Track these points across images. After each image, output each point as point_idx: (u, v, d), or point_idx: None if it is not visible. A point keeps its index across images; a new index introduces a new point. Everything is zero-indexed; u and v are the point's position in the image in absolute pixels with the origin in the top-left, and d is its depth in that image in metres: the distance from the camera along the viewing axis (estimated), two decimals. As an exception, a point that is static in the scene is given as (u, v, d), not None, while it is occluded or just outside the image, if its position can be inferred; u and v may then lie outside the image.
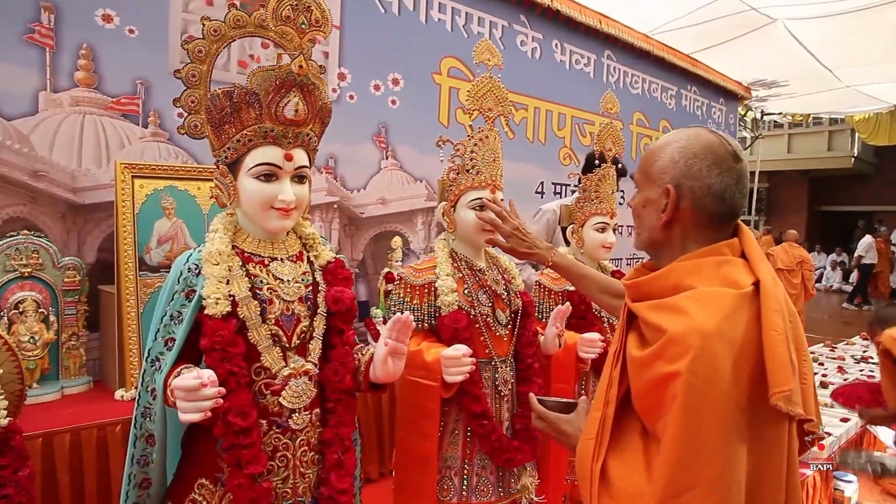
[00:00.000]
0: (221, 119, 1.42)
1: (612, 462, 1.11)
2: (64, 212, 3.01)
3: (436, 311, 1.89)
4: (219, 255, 1.41)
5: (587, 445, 1.15)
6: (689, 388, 0.98)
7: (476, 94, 1.98)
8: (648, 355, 1.06)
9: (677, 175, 1.15)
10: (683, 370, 0.98)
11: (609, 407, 1.14)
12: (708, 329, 0.99)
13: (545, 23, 5.27)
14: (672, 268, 1.13)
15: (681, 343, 1.00)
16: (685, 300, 1.06)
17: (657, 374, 1.03)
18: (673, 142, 1.19)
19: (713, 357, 0.98)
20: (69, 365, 2.80)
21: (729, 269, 1.09)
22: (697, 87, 7.30)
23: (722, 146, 1.15)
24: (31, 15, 2.87)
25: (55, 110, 2.98)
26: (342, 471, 1.48)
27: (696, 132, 1.18)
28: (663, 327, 1.04)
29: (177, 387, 1.23)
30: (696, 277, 1.09)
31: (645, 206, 1.22)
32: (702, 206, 1.14)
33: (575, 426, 1.32)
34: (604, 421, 1.14)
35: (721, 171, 1.13)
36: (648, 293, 1.15)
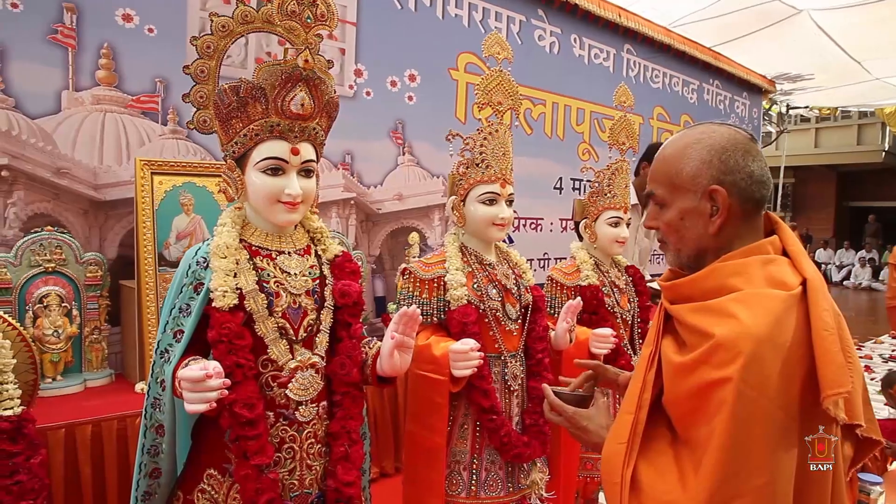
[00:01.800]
0: (228, 114, 1.43)
1: (644, 468, 1.07)
2: (86, 208, 3.07)
3: (445, 306, 1.89)
4: (226, 248, 1.42)
5: (617, 450, 1.10)
6: (740, 396, 0.95)
7: (486, 88, 1.98)
8: (692, 361, 1.02)
9: (715, 174, 1.10)
10: (734, 376, 0.95)
11: (642, 411, 1.11)
12: (759, 334, 0.96)
13: (563, 17, 5.24)
14: (715, 268, 1.09)
15: (731, 348, 0.96)
16: (732, 303, 1.01)
17: (702, 381, 0.99)
18: (691, 144, 1.13)
19: (764, 363, 0.96)
20: (91, 358, 2.86)
21: (774, 269, 1.05)
22: (720, 81, 7.21)
23: (740, 133, 1.13)
24: (54, 15, 2.93)
25: (77, 109, 3.04)
26: (349, 463, 1.49)
27: (707, 129, 1.14)
28: (709, 331, 1.00)
29: (183, 378, 1.25)
30: (741, 278, 1.05)
31: (683, 219, 1.14)
32: (748, 196, 1.10)
33: (596, 423, 1.27)
34: (635, 426, 1.10)
35: (753, 157, 1.11)
36: (688, 295, 1.11)
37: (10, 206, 2.87)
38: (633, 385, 1.16)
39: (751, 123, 7.99)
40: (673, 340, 1.11)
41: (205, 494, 1.43)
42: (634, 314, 2.47)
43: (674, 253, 1.19)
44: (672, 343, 1.11)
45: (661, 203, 1.18)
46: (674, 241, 1.18)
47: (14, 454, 1.25)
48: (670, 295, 1.16)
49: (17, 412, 1.30)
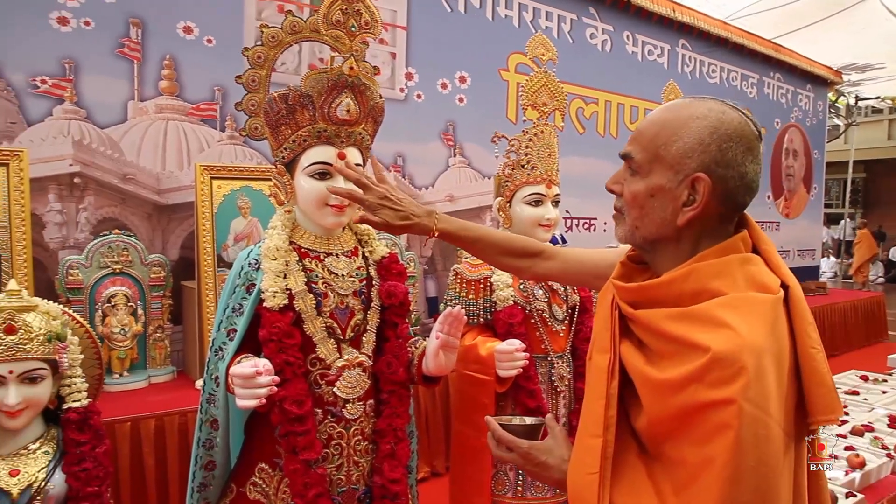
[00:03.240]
0: (278, 121, 1.49)
1: (620, 497, 0.94)
2: (150, 212, 3.22)
3: (491, 306, 1.91)
4: (276, 250, 1.48)
5: (588, 481, 0.95)
6: (745, 417, 0.82)
7: (531, 90, 1.98)
8: (682, 378, 0.88)
9: (707, 161, 0.93)
10: (738, 396, 0.82)
11: (609, 432, 0.96)
12: (759, 345, 0.84)
13: (615, 14, 5.18)
14: (693, 269, 0.94)
15: (731, 364, 0.83)
16: (721, 309, 0.88)
17: (695, 401, 0.86)
18: (694, 118, 0.95)
19: (765, 378, 0.84)
20: (155, 355, 3.00)
21: (753, 270, 0.93)
22: (781, 74, 6.98)
23: (749, 126, 0.96)
24: (121, 30, 3.09)
25: (142, 118, 3.19)
26: (395, 461, 1.52)
27: (719, 108, 0.96)
28: (700, 343, 0.86)
29: (234, 374, 1.31)
30: (723, 281, 0.92)
31: (653, 196, 0.98)
32: (730, 197, 0.95)
33: (556, 456, 1.10)
34: (605, 449, 0.95)
35: (754, 157, 0.95)
36: (660, 299, 0.96)
37: (82, 210, 3.03)
38: (594, 402, 1.00)
39: (815, 117, 7.70)
40: (635, 348, 0.98)
41: (256, 487, 1.48)
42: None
43: (628, 229, 1.03)
44: (636, 351, 0.97)
45: (635, 169, 1.01)
46: (633, 217, 1.01)
47: (81, 443, 1.33)
48: (631, 297, 1.00)
49: (84, 404, 1.38)
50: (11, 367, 1.26)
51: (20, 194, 2.67)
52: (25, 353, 1.28)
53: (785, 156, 7.43)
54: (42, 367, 1.31)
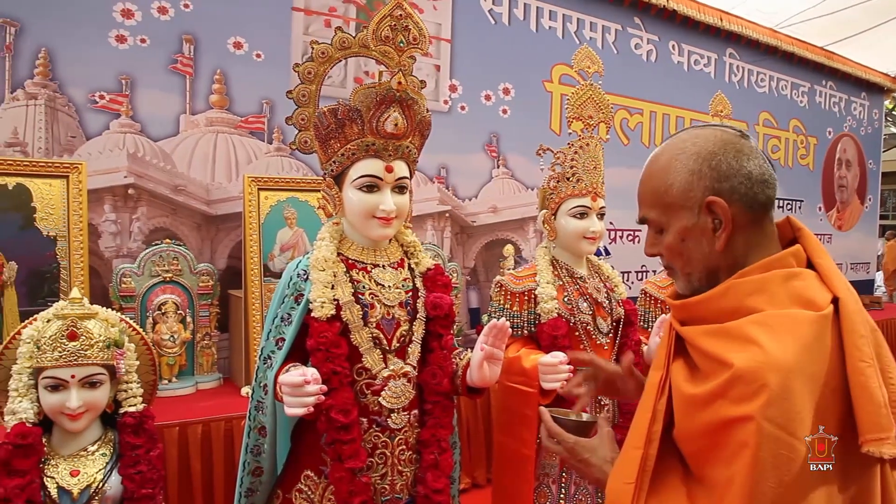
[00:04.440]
0: (327, 135, 1.52)
1: None
2: (199, 222, 3.31)
3: (535, 318, 1.91)
4: (324, 261, 1.50)
5: (624, 490, 0.97)
6: (764, 436, 0.82)
7: (576, 102, 1.98)
8: (708, 393, 0.89)
9: (709, 184, 0.96)
10: (756, 414, 0.82)
11: (651, 446, 0.97)
12: (786, 364, 0.83)
13: (661, 24, 5.13)
14: (731, 285, 0.95)
15: (752, 381, 0.83)
16: (753, 326, 0.88)
17: (719, 417, 0.87)
18: (675, 155, 1.00)
19: (793, 398, 0.82)
20: (203, 362, 3.07)
21: (800, 285, 0.92)
22: (834, 82, 6.79)
23: (727, 133, 0.99)
24: (174, 47, 3.20)
25: (193, 131, 3.29)
26: (438, 471, 1.53)
27: (689, 135, 1.01)
28: (727, 360, 0.87)
29: (283, 383, 1.33)
30: (761, 297, 0.91)
31: (685, 240, 1.00)
32: (752, 200, 0.96)
33: (600, 456, 1.12)
34: (644, 462, 0.97)
35: (748, 155, 0.97)
36: (702, 316, 0.97)
37: (135, 220, 3.13)
38: (641, 415, 1.02)
39: (871, 125, 7.47)
40: (684, 365, 0.98)
41: (302, 494, 1.51)
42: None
43: (684, 279, 1.05)
44: (683, 368, 0.98)
45: (657, 227, 1.04)
46: (680, 266, 1.03)
47: (136, 446, 1.38)
48: (681, 315, 1.03)
49: (140, 409, 1.43)
50: (74, 372, 1.32)
51: (78, 205, 2.77)
52: (86, 359, 1.33)
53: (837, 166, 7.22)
54: (101, 372, 1.36)
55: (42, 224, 2.71)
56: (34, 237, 2.69)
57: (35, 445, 1.30)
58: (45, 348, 1.32)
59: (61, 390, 1.32)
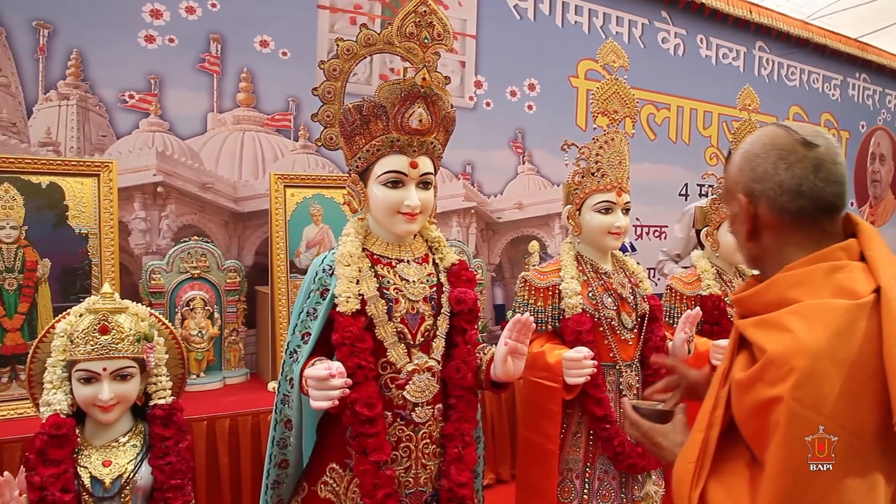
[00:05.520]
0: (352, 131, 1.53)
1: (714, 489, 1.01)
2: (227, 219, 3.35)
3: (560, 314, 1.90)
4: (350, 256, 1.52)
5: (686, 469, 1.05)
6: (794, 417, 0.87)
7: (601, 97, 1.97)
8: (749, 377, 0.96)
9: (746, 182, 1.06)
10: (786, 395, 0.88)
11: (713, 430, 1.04)
12: (815, 348, 0.88)
13: (688, 17, 5.06)
14: (776, 279, 1.02)
15: (782, 365, 0.90)
16: (788, 316, 0.95)
17: (758, 399, 0.94)
18: (741, 148, 1.10)
19: (821, 381, 0.87)
20: (230, 358, 3.11)
21: (843, 277, 0.96)
22: (868, 74, 6.63)
23: (787, 136, 1.03)
24: (202, 46, 3.24)
25: (220, 129, 3.33)
26: (462, 465, 1.54)
27: (761, 131, 1.09)
28: (764, 347, 0.94)
29: (309, 376, 1.35)
30: (802, 289, 0.98)
31: (734, 223, 1.14)
32: (781, 206, 1.03)
33: (671, 440, 1.22)
34: (706, 444, 1.04)
35: (789, 164, 1.02)
36: (752, 309, 1.05)
37: (164, 218, 3.19)
38: (707, 402, 1.10)
39: (905, 119, 7.30)
40: (746, 357, 1.04)
41: (327, 486, 1.53)
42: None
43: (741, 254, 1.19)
44: (744, 359, 1.04)
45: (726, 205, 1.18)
46: (737, 243, 1.18)
47: (166, 438, 1.42)
48: (739, 309, 1.11)
49: (169, 401, 1.47)
50: (105, 365, 1.35)
51: (109, 203, 2.82)
52: (117, 352, 1.36)
53: (871, 160, 7.06)
54: (132, 365, 1.39)
55: (74, 222, 2.76)
56: (67, 235, 2.74)
57: (69, 436, 1.33)
58: (77, 342, 1.35)
59: (94, 383, 1.35)
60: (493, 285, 4.25)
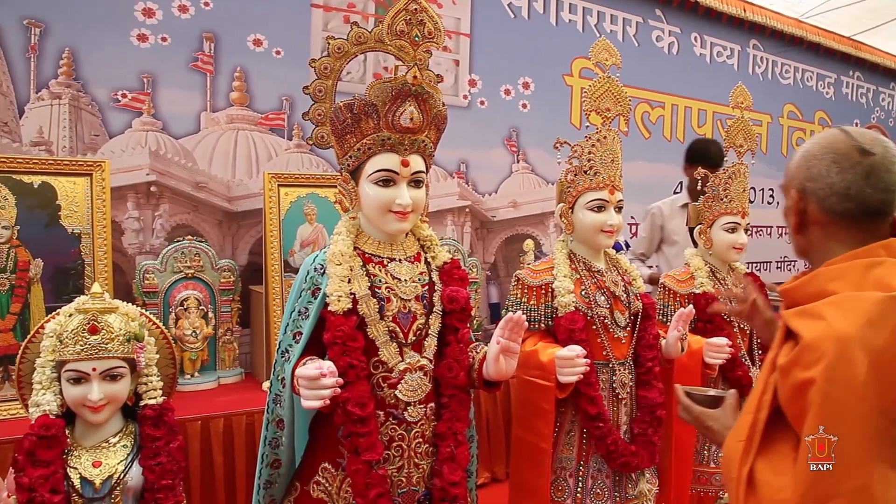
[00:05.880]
0: (343, 129, 1.53)
1: (761, 467, 1.09)
2: (220, 219, 3.34)
3: (552, 312, 1.90)
4: (341, 255, 1.51)
5: (736, 447, 1.14)
6: (825, 396, 0.96)
7: (594, 95, 1.96)
8: (788, 362, 1.04)
9: (801, 179, 1.15)
10: (818, 377, 0.96)
11: (761, 412, 1.12)
12: (845, 334, 0.96)
13: (683, 16, 5.06)
14: (817, 273, 1.11)
15: (815, 349, 0.98)
16: (824, 306, 1.03)
17: (795, 382, 1.01)
18: (802, 147, 1.20)
19: (851, 364, 0.95)
20: (224, 357, 3.09)
21: (881, 272, 1.04)
22: (861, 72, 6.65)
23: (846, 143, 1.11)
24: (195, 45, 3.23)
25: (214, 128, 3.32)
26: (454, 464, 1.53)
27: (823, 133, 1.18)
28: (802, 334, 1.02)
29: (300, 376, 1.34)
30: (840, 282, 1.06)
31: (786, 215, 1.23)
32: (828, 206, 1.12)
33: (721, 423, 1.32)
34: (755, 425, 1.12)
35: (842, 168, 1.10)
36: (796, 300, 1.14)
37: (157, 217, 3.18)
38: (756, 387, 1.19)
39: (899, 117, 7.32)
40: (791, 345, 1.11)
41: (319, 486, 1.52)
42: (754, 324, 2.35)
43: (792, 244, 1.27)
44: (788, 347, 1.11)
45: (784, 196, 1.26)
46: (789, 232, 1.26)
47: (157, 438, 1.41)
48: (786, 301, 1.19)
49: (160, 401, 1.46)
50: (95, 365, 1.35)
51: (102, 203, 2.81)
52: (107, 352, 1.36)
53: (865, 158, 7.08)
54: (122, 365, 1.39)
55: (67, 221, 2.75)
56: (59, 234, 2.73)
57: (58, 436, 1.32)
58: (67, 342, 1.34)
59: (83, 383, 1.35)
60: (487, 284, 4.25)
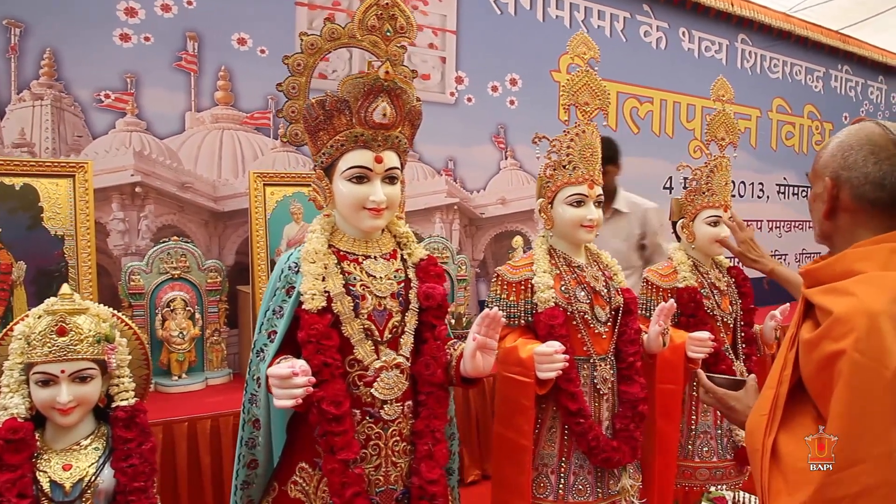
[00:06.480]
0: (316, 126, 1.52)
1: (784, 438, 1.14)
2: (207, 219, 3.33)
3: (532, 308, 1.89)
4: (315, 253, 1.50)
5: (759, 421, 1.19)
6: (855, 366, 1.00)
7: (572, 89, 1.95)
8: (816, 336, 1.09)
9: (836, 167, 1.19)
10: (849, 348, 1.01)
11: (782, 387, 1.18)
12: (875, 308, 1.02)
13: (670, 10, 5.07)
14: (845, 254, 1.16)
15: (846, 322, 1.03)
16: (853, 283, 1.09)
17: (824, 354, 1.06)
18: (835, 138, 1.24)
19: (881, 335, 1.00)
20: (212, 358, 3.08)
21: None
22: (850, 66, 6.67)
23: (882, 136, 1.17)
24: (178, 44, 3.21)
25: (199, 128, 3.30)
26: (432, 462, 1.52)
27: (858, 126, 1.22)
28: (830, 309, 1.07)
29: (272, 375, 1.33)
30: (866, 263, 1.12)
31: (815, 201, 1.27)
32: (861, 194, 1.17)
33: (744, 403, 1.39)
34: (776, 399, 1.17)
35: (878, 159, 1.15)
36: (820, 279, 1.19)
37: (143, 218, 3.16)
38: (776, 364, 1.24)
39: (889, 110, 7.32)
40: (812, 324, 1.16)
41: (297, 486, 1.51)
42: (737, 317, 2.34)
43: (814, 229, 1.32)
44: (810, 326, 1.16)
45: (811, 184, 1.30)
46: (813, 220, 1.30)
47: (128, 440, 1.39)
48: (808, 280, 1.23)
49: (132, 403, 1.44)
50: (63, 367, 1.33)
51: (85, 204, 2.80)
52: (76, 354, 1.34)
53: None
54: (92, 367, 1.37)
55: (49, 224, 2.73)
56: (42, 237, 2.72)
57: (26, 440, 1.31)
58: (35, 344, 1.33)
59: (52, 385, 1.33)
60: (477, 281, 4.25)
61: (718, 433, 2.27)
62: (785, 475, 1.10)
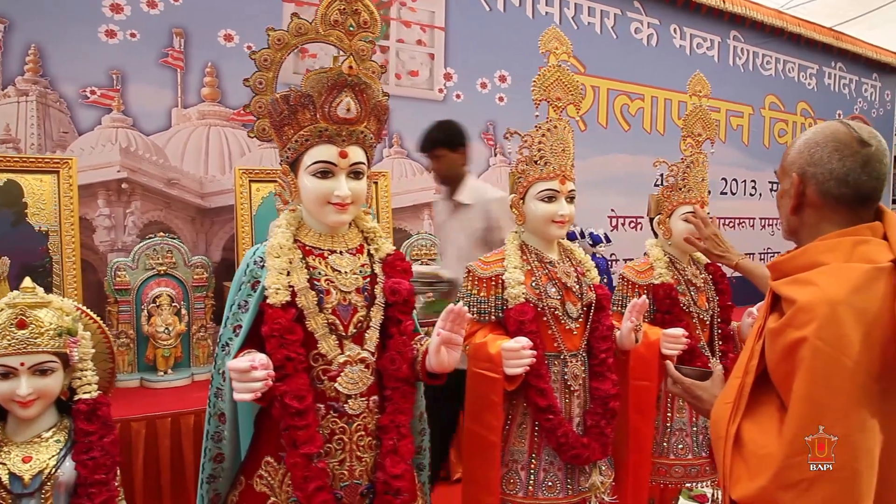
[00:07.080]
0: (281, 121, 1.52)
1: (747, 425, 1.17)
2: (193, 215, 3.34)
3: (503, 304, 1.89)
4: (280, 248, 1.51)
5: (724, 409, 1.23)
6: (816, 352, 1.04)
7: (543, 84, 1.96)
8: (780, 325, 1.13)
9: (802, 164, 1.23)
10: (810, 335, 1.05)
11: (748, 376, 1.21)
12: (836, 298, 1.06)
13: (662, 7, 5.06)
14: (809, 247, 1.20)
15: (808, 311, 1.07)
16: (816, 274, 1.12)
17: (787, 341, 1.09)
18: (803, 136, 1.28)
19: (840, 324, 1.04)
20: (198, 354, 3.10)
21: (867, 249, 1.14)
22: (843, 63, 6.65)
23: (847, 133, 1.20)
24: (164, 41, 3.22)
25: (185, 124, 3.32)
26: (397, 457, 1.52)
27: (824, 124, 1.25)
28: (794, 298, 1.11)
29: (231, 368, 1.34)
30: (830, 255, 1.15)
31: (782, 197, 1.31)
32: (826, 190, 1.20)
33: (710, 393, 1.41)
34: (742, 388, 1.21)
35: (843, 156, 1.19)
36: (786, 271, 1.22)
37: (129, 215, 3.18)
38: (743, 354, 1.28)
39: (882, 107, 7.30)
40: (778, 315, 1.19)
41: (262, 480, 1.52)
42: (714, 314, 2.34)
43: (781, 224, 1.36)
44: (776, 316, 1.20)
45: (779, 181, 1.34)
46: (779, 214, 1.34)
47: (90, 433, 1.40)
48: (774, 273, 1.27)
49: (94, 396, 1.45)
50: (23, 360, 1.34)
51: (69, 200, 2.81)
52: (36, 347, 1.35)
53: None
54: (52, 360, 1.38)
55: (34, 219, 2.75)
56: (26, 232, 2.73)
57: (-15, 432, 1.32)
58: (-6, 337, 1.34)
59: (11, 378, 1.34)
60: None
61: (694, 430, 2.27)
62: (746, 461, 1.14)
